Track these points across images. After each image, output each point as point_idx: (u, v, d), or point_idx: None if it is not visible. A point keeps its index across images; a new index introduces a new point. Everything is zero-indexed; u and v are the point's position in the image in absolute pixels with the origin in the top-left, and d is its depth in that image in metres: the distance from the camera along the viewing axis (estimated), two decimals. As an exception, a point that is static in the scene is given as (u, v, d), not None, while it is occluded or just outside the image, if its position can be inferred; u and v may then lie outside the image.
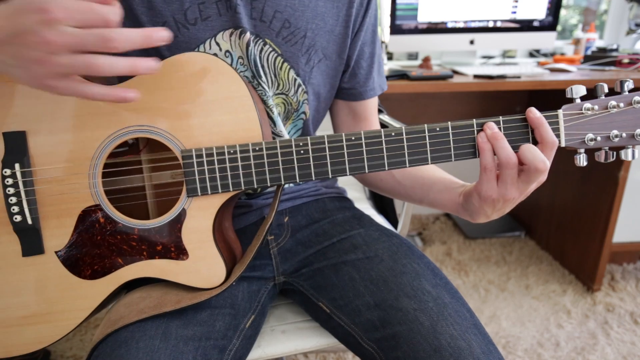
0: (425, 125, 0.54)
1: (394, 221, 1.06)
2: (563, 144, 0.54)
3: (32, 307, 0.56)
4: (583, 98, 0.54)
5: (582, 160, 0.55)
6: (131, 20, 0.59)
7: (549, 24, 1.61)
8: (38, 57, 0.41)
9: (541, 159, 0.50)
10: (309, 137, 0.54)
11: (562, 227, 1.78)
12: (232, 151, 0.54)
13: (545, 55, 1.98)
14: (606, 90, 0.53)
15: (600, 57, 1.58)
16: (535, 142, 0.53)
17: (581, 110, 0.53)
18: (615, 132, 0.53)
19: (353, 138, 0.54)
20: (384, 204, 1.10)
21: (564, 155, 1.71)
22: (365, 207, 1.11)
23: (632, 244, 1.58)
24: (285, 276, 0.70)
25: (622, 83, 0.53)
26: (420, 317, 0.55)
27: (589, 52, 1.74)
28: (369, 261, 0.64)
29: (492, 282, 1.68)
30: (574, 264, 1.70)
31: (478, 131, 0.53)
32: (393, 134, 0.54)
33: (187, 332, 0.54)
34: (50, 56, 0.41)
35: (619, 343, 1.36)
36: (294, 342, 0.68)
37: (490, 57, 1.91)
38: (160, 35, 0.45)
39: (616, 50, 1.65)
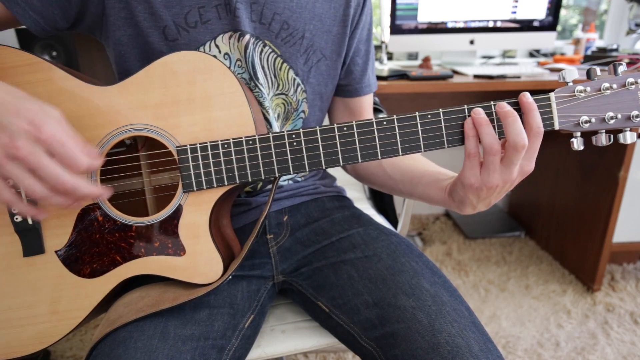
0: (417, 112, 0.54)
1: (394, 221, 1.06)
2: (557, 127, 0.53)
3: (33, 307, 0.56)
4: (576, 82, 0.53)
5: (578, 144, 0.54)
6: (132, 26, 0.60)
7: (549, 24, 1.61)
8: None
9: (521, 135, 0.50)
10: (301, 129, 0.54)
11: (562, 227, 1.77)
12: (225, 145, 0.54)
13: (545, 55, 1.99)
14: (599, 74, 0.53)
15: (600, 57, 1.58)
16: None
17: (573, 92, 0.53)
18: (610, 113, 0.52)
19: (345, 128, 0.54)
20: (384, 204, 1.10)
21: (564, 155, 1.73)
22: (365, 207, 1.11)
23: (632, 244, 1.57)
24: (284, 275, 0.71)
25: (615, 66, 0.52)
26: (418, 315, 0.55)
27: (589, 52, 1.75)
28: (367, 260, 0.64)
29: (492, 282, 1.67)
30: (574, 264, 1.70)
31: (469, 117, 0.53)
32: (385, 122, 0.54)
33: (186, 332, 0.54)
34: (4, 159, 0.42)
35: (619, 343, 1.36)
36: (293, 341, 0.68)
37: (490, 57, 1.91)
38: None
39: (616, 50, 1.65)
